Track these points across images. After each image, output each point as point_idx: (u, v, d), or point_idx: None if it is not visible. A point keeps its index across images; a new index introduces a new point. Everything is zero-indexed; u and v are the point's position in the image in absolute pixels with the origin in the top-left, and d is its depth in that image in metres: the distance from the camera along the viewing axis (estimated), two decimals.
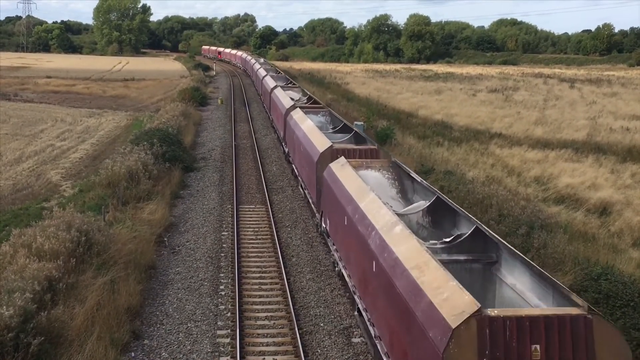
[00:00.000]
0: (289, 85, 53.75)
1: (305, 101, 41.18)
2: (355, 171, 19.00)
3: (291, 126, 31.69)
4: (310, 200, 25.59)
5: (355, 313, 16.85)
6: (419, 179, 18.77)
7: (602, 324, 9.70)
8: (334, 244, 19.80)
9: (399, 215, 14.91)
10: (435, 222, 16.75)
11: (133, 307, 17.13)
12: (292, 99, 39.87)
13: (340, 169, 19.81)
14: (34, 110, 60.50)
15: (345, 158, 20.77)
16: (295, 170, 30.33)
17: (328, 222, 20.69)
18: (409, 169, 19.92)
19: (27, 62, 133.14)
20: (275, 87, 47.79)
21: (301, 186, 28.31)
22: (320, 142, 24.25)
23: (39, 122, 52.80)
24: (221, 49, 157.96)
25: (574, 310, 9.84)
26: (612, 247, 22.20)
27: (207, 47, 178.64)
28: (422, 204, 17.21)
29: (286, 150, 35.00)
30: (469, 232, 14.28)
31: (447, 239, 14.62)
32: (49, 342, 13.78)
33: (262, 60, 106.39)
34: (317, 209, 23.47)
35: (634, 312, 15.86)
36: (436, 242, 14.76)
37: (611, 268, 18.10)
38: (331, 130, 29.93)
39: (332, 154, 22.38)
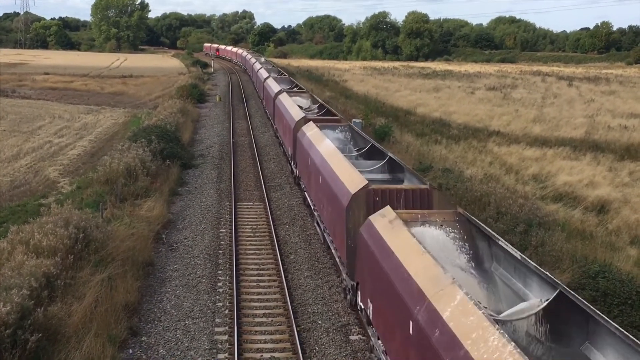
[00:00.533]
0: (295, 89, 47.29)
1: (317, 111, 36.01)
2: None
3: (304, 145, 25.97)
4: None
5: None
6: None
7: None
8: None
9: (496, 320, 9.88)
10: (555, 329, 10.86)
11: (131, 304, 17.13)
12: (301, 107, 34.86)
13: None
14: (32, 107, 60.42)
15: (389, 205, 15.40)
16: (310, 203, 24.69)
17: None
18: (485, 226, 13.98)
19: (24, 59, 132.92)
20: (281, 91, 42.05)
21: (318, 224, 22.77)
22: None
23: (37, 119, 52.74)
24: (222, 47, 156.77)
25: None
26: (610, 245, 22.22)
27: (208, 44, 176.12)
28: (533, 303, 11.22)
29: (296, 172, 29.37)
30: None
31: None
32: (46, 338, 13.77)
33: (262, 59, 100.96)
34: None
35: (632, 310, 15.90)
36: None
37: (609, 266, 18.13)
38: (355, 153, 24.33)
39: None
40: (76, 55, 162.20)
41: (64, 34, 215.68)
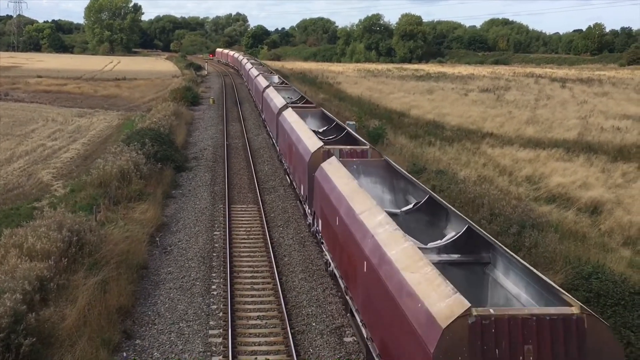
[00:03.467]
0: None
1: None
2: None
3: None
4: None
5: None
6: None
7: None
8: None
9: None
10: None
11: (124, 307, 17.10)
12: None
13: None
14: (25, 110, 60.24)
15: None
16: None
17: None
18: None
19: (17, 62, 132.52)
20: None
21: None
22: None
23: (30, 122, 52.59)
24: (229, 52, 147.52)
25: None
26: (603, 246, 22.30)
27: (220, 49, 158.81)
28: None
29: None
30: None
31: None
32: (40, 342, 13.74)
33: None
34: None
35: (625, 311, 15.94)
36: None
37: (602, 267, 18.18)
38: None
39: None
40: (69, 58, 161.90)
41: (57, 36, 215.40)
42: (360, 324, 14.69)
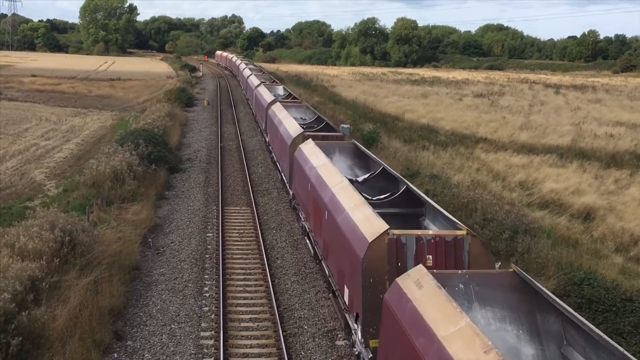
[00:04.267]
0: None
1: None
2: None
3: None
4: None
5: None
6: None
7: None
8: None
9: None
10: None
11: (116, 308, 17.05)
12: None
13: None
14: (19, 109, 60.02)
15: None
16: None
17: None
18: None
19: (12, 61, 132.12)
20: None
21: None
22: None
23: (24, 121, 52.41)
24: (227, 54, 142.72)
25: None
26: (595, 252, 22.36)
27: (219, 52, 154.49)
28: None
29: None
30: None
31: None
32: (30, 342, 13.67)
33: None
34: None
35: (616, 317, 15.99)
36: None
37: (594, 273, 18.25)
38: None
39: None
40: (64, 58, 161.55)
41: (52, 36, 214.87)
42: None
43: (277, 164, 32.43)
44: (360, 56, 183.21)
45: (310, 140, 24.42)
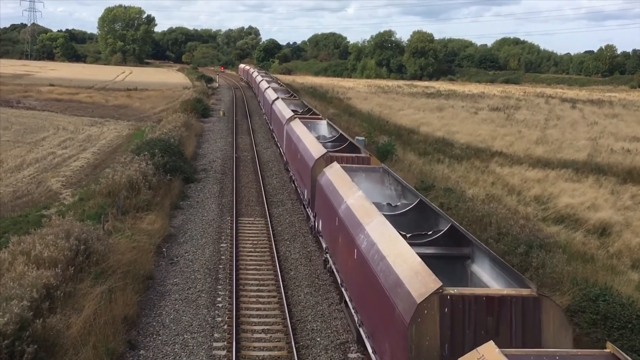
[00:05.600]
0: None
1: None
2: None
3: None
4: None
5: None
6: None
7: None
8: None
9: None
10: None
11: (130, 317, 17.10)
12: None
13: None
14: (37, 118, 60.59)
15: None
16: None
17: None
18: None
19: (30, 70, 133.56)
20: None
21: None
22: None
23: (41, 130, 52.89)
24: (245, 65, 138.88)
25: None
26: (611, 268, 22.16)
27: (242, 65, 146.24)
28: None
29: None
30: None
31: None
32: (44, 350, 13.74)
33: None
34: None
35: (632, 334, 15.82)
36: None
37: (609, 289, 18.06)
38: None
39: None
40: (82, 68, 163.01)
41: (71, 46, 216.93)
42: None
43: (295, 183, 30.38)
44: (375, 69, 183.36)
45: (335, 164, 22.07)
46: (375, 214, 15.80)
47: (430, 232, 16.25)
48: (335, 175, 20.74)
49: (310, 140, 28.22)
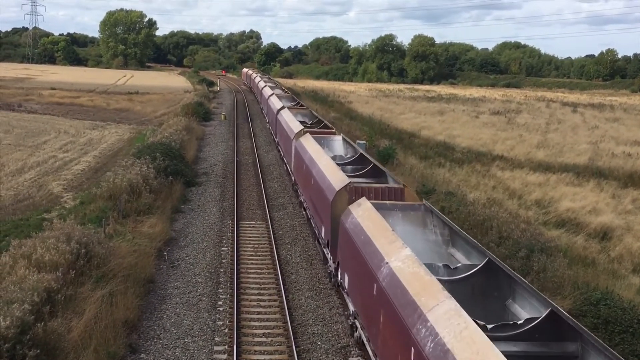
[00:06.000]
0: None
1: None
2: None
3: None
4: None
5: None
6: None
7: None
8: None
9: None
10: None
11: (131, 320, 17.10)
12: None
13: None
14: (38, 122, 60.65)
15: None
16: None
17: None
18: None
19: (32, 74, 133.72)
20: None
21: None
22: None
23: (42, 133, 52.93)
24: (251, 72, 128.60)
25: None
26: (612, 272, 22.14)
27: (245, 70, 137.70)
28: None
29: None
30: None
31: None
32: (45, 354, 13.73)
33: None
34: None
35: (633, 338, 15.81)
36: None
37: (611, 293, 18.05)
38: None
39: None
40: (83, 71, 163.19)
41: (72, 49, 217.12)
42: None
43: (307, 211, 26.48)
44: (377, 72, 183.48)
45: (364, 200, 17.55)
46: (439, 293, 11.23)
47: (521, 322, 11.47)
48: (367, 218, 16.24)
49: (326, 163, 23.38)
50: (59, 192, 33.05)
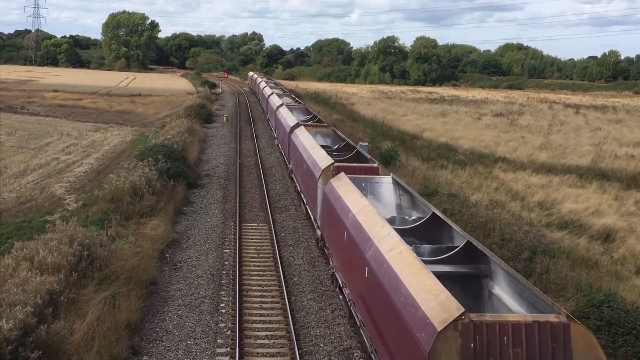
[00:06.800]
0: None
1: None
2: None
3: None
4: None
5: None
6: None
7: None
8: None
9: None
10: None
11: (133, 322, 17.09)
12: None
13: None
14: (40, 124, 60.73)
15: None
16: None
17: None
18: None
19: (35, 76, 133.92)
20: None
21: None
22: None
23: (45, 136, 52.99)
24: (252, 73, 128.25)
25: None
26: (615, 274, 22.11)
27: (251, 73, 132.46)
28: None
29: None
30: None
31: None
32: (47, 356, 13.74)
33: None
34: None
35: (636, 340, 15.77)
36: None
37: (614, 295, 18.01)
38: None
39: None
40: (86, 73, 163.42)
41: (75, 52, 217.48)
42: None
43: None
44: (379, 74, 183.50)
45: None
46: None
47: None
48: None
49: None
50: (62, 195, 33.07)
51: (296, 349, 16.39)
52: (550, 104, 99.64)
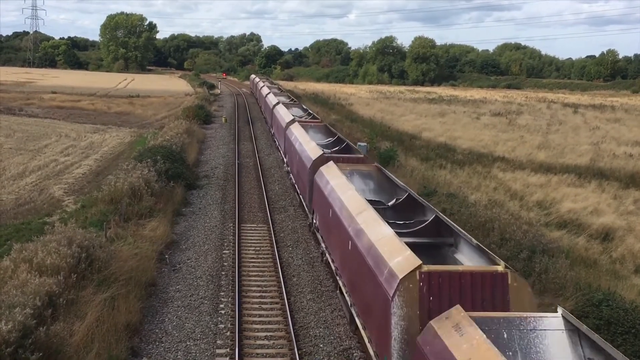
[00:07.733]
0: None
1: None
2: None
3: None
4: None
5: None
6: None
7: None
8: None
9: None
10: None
11: (132, 324, 17.09)
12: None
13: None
14: (39, 125, 60.72)
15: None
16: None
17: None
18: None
19: (33, 78, 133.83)
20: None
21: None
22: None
23: (43, 137, 52.98)
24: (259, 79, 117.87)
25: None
26: (614, 273, 22.14)
27: (253, 76, 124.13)
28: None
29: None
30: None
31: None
32: (47, 357, 13.72)
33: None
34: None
35: (635, 339, 15.79)
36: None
37: (613, 294, 18.03)
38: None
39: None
40: (84, 75, 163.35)
41: (73, 53, 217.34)
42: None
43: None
44: (377, 74, 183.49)
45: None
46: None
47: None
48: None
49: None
50: (60, 196, 33.06)
51: (296, 349, 16.40)
52: (548, 103, 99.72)
